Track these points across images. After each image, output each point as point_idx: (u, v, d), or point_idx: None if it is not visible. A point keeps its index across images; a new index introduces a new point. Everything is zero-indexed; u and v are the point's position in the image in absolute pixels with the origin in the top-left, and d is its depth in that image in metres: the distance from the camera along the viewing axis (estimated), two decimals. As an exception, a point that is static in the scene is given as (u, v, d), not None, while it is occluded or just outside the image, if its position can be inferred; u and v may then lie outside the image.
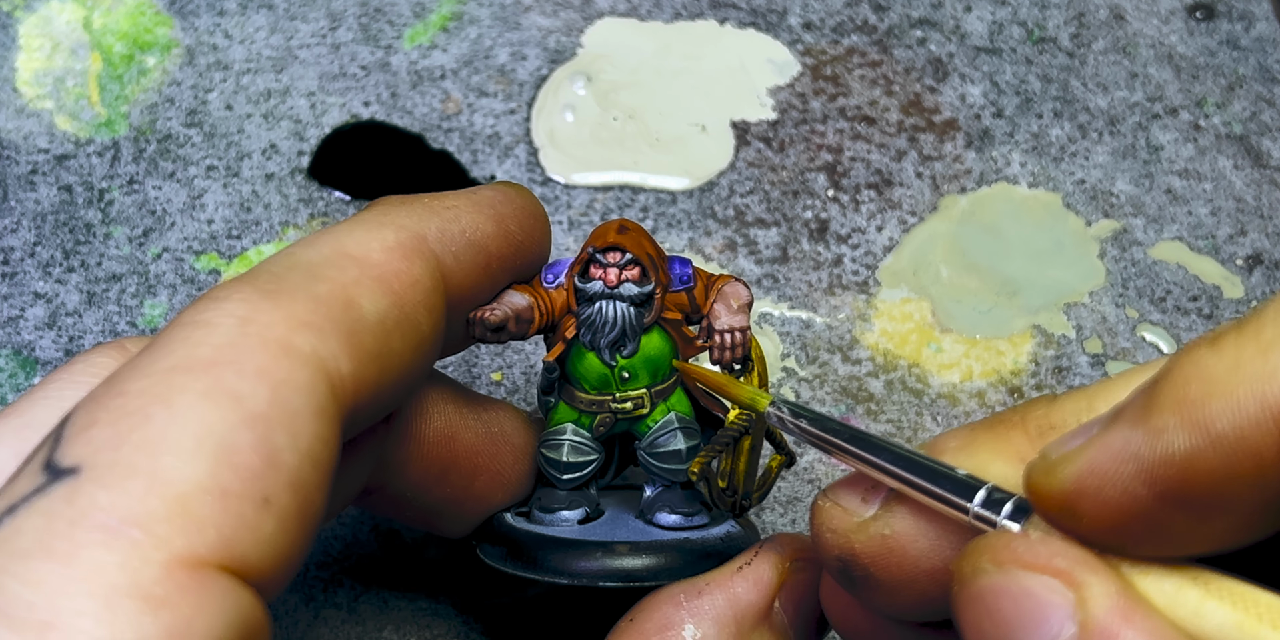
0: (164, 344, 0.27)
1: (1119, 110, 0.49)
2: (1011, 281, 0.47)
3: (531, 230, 0.35)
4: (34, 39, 0.49)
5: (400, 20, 0.50)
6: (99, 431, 0.26)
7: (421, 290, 0.31)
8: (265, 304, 0.28)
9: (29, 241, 0.46)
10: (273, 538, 0.26)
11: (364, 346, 0.29)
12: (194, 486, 0.25)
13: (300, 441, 0.26)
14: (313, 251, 0.30)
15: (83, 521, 0.24)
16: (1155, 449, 0.26)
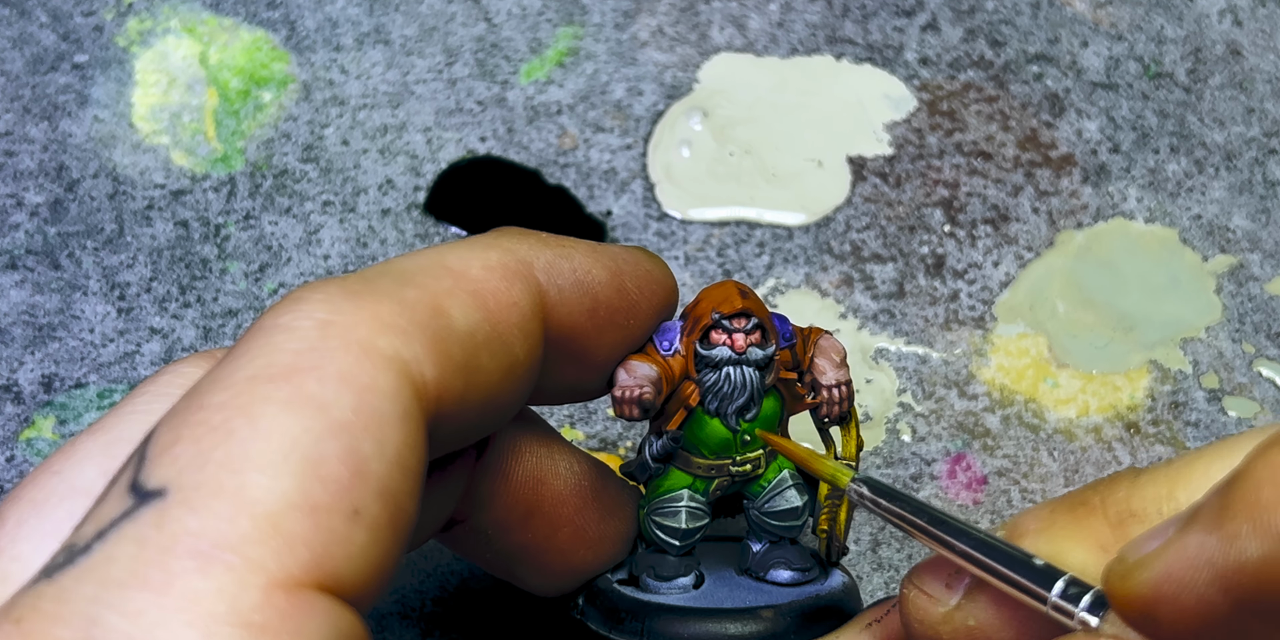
0: (244, 351, 0.27)
1: (1235, 145, 0.50)
2: (1128, 317, 0.48)
3: (651, 294, 0.35)
4: (150, 74, 0.51)
5: (516, 56, 0.51)
6: (182, 449, 0.26)
7: (518, 313, 0.31)
8: (347, 304, 0.28)
9: (145, 277, 0.48)
10: (365, 550, 0.26)
11: (450, 355, 0.29)
12: (283, 503, 0.25)
13: (388, 449, 0.27)
14: (410, 261, 0.30)
15: (174, 548, 0.24)
16: (1229, 556, 0.26)
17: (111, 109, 0.51)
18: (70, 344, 0.47)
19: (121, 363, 0.47)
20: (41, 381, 0.47)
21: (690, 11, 0.52)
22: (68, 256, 0.49)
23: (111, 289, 0.48)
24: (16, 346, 0.47)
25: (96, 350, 0.47)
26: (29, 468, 0.46)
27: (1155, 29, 0.52)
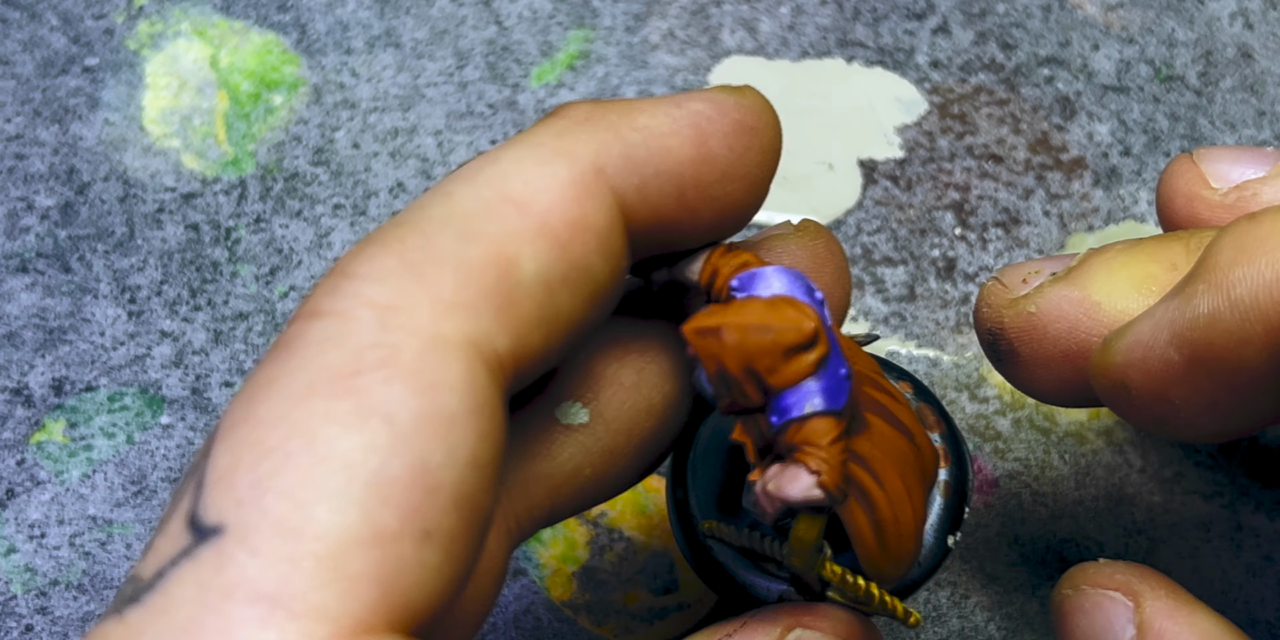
0: (299, 345, 0.26)
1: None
2: None
3: (744, 151, 0.30)
4: (161, 78, 0.51)
5: (527, 59, 0.51)
6: (239, 479, 0.25)
7: (596, 236, 0.28)
8: (409, 284, 0.26)
9: (156, 280, 0.48)
10: (438, 570, 0.25)
11: (523, 314, 0.27)
12: (349, 538, 0.24)
13: (459, 452, 0.26)
14: (471, 194, 0.28)
15: (235, 593, 0.24)
16: (1184, 314, 0.28)
17: (122, 112, 0.51)
18: (81, 347, 0.48)
19: (132, 366, 0.48)
20: (52, 385, 0.47)
21: (701, 15, 0.52)
22: (78, 259, 0.49)
23: (122, 292, 0.48)
24: (27, 350, 0.48)
25: (107, 353, 0.48)
26: (40, 471, 0.46)
27: (1166, 32, 0.52)
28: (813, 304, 0.29)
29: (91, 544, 0.45)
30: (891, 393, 0.32)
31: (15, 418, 0.47)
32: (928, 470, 0.33)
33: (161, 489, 0.46)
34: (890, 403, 0.32)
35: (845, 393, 0.29)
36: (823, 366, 0.29)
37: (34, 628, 0.45)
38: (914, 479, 0.32)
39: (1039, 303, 0.33)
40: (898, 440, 0.32)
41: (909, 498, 0.31)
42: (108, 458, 0.46)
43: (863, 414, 0.31)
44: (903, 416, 0.32)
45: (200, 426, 0.47)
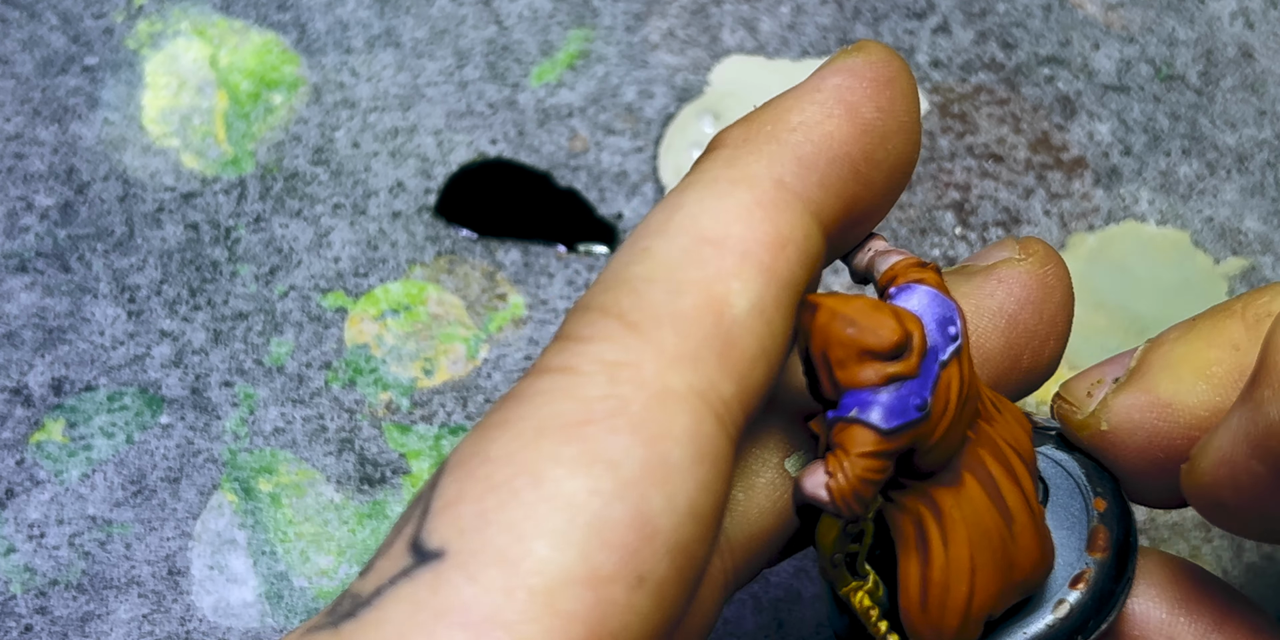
0: (531, 395, 0.27)
1: (1248, 148, 0.50)
2: (1140, 319, 0.48)
3: (889, 105, 0.30)
4: (160, 77, 0.51)
5: (527, 58, 0.51)
6: (465, 509, 0.26)
7: (797, 248, 0.29)
8: (633, 342, 0.27)
9: (155, 280, 0.48)
10: (648, 616, 0.26)
11: (744, 353, 0.28)
12: (564, 576, 0.25)
13: (679, 500, 0.26)
14: (667, 243, 0.28)
15: (446, 616, 0.24)
16: (1256, 423, 0.27)
17: (121, 111, 0.51)
18: (80, 347, 0.48)
19: (131, 365, 0.48)
20: (51, 384, 0.47)
21: (701, 14, 0.52)
22: (77, 259, 0.49)
23: (121, 292, 0.48)
24: (26, 349, 0.48)
25: (106, 353, 0.48)
26: (39, 471, 0.46)
27: (1167, 31, 0.52)
28: (933, 331, 0.30)
29: (91, 544, 0.45)
30: (1018, 476, 0.32)
31: (14, 418, 0.47)
32: (1016, 563, 0.32)
33: (161, 488, 0.46)
34: (1006, 483, 0.32)
35: (908, 422, 0.29)
36: (896, 384, 0.29)
37: (33, 628, 0.45)
38: (987, 558, 0.31)
39: (1109, 418, 0.32)
40: (988, 514, 0.31)
41: (970, 572, 0.31)
42: (107, 457, 0.46)
43: (962, 472, 0.31)
44: (1012, 500, 0.31)
45: (200, 426, 0.47)
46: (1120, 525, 0.34)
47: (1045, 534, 0.32)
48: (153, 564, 0.45)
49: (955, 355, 0.30)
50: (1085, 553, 0.33)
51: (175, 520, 0.46)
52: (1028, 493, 0.31)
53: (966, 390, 0.30)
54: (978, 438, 0.31)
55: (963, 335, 0.30)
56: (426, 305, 0.48)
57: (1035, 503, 0.32)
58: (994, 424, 0.31)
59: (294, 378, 0.48)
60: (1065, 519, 0.34)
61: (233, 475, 0.46)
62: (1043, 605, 0.33)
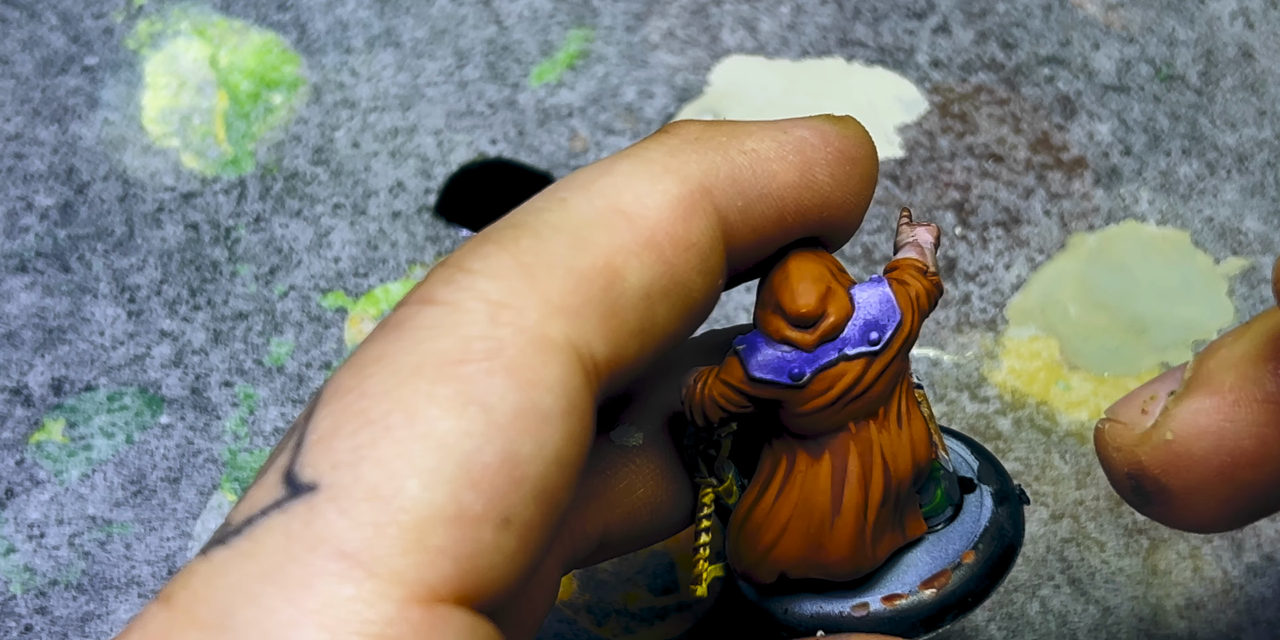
0: (409, 328, 0.27)
1: (1248, 148, 0.50)
2: (1140, 319, 0.48)
3: (845, 179, 0.31)
4: (160, 77, 0.51)
5: (527, 58, 0.51)
6: (339, 444, 0.26)
7: (698, 253, 0.29)
8: (521, 284, 0.27)
9: (155, 280, 0.48)
10: (512, 556, 0.26)
11: (624, 325, 0.28)
12: (434, 513, 0.25)
13: (547, 448, 0.26)
14: (583, 201, 0.29)
15: (319, 548, 0.25)
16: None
17: (121, 111, 0.51)
18: (80, 347, 0.48)
19: (131, 365, 0.48)
20: (51, 384, 0.47)
21: (701, 14, 0.52)
22: (77, 259, 0.49)
23: (121, 292, 0.49)
24: (26, 349, 0.48)
25: (106, 353, 0.48)
26: (39, 471, 0.46)
27: (1167, 31, 0.52)
28: (856, 326, 0.32)
29: (91, 544, 0.45)
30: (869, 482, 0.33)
31: (14, 418, 0.47)
32: (824, 547, 0.33)
33: (161, 488, 0.46)
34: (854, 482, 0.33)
35: (774, 381, 0.31)
36: (788, 347, 0.31)
37: (33, 628, 0.45)
38: (800, 528, 0.33)
39: (1174, 427, 0.32)
40: (820, 496, 0.33)
41: (780, 531, 0.33)
42: (107, 457, 0.46)
43: (825, 451, 0.33)
44: (849, 498, 0.33)
45: (200, 426, 0.47)
46: (969, 581, 0.34)
47: (864, 539, 0.33)
48: (153, 564, 0.45)
49: (865, 356, 0.31)
50: (921, 583, 0.34)
51: (175, 520, 0.46)
52: (870, 500, 0.32)
53: (861, 390, 0.31)
54: (857, 434, 0.32)
55: (890, 350, 0.32)
56: (426, 305, 0.48)
57: (873, 511, 0.33)
58: (884, 433, 0.32)
59: (294, 378, 0.48)
60: (959, 538, 0.35)
61: (233, 475, 0.46)
62: (857, 593, 0.34)
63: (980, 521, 0.35)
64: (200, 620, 0.25)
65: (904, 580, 0.34)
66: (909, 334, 0.32)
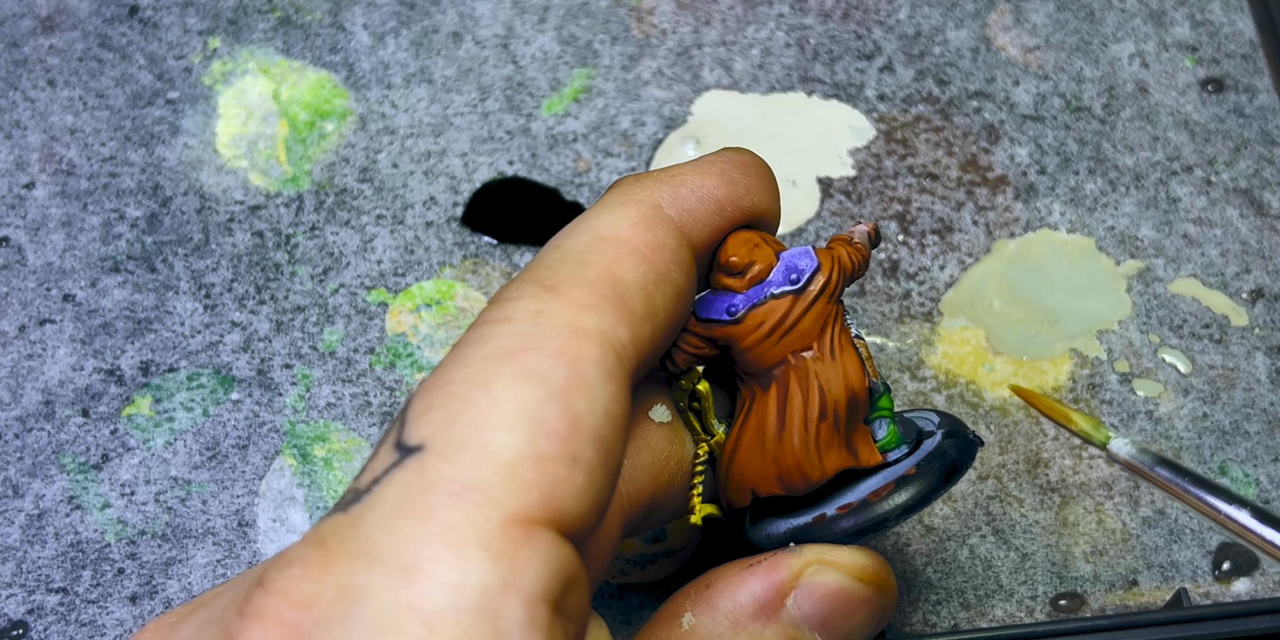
0: (476, 339, 0.29)
1: (1143, 168, 0.50)
2: (1053, 312, 0.48)
3: (751, 174, 0.34)
4: (231, 108, 0.51)
5: (539, 93, 0.51)
6: (435, 415, 0.27)
7: (669, 251, 0.31)
8: (549, 297, 0.29)
9: (227, 279, 0.48)
10: (583, 490, 0.27)
11: (634, 312, 0.30)
12: (516, 454, 0.26)
13: (597, 405, 0.28)
14: (574, 240, 0.31)
15: (433, 489, 0.26)
16: None
17: (199, 137, 0.51)
18: (164, 335, 0.48)
19: (207, 351, 0.48)
20: (140, 367, 0.47)
21: (685, 55, 0.52)
22: (162, 261, 0.49)
23: (199, 289, 0.48)
24: (120, 337, 0.48)
25: (186, 340, 0.48)
26: (130, 439, 0.46)
27: (1076, 70, 0.52)
28: (780, 271, 0.33)
29: (173, 500, 0.45)
30: (808, 402, 0.34)
31: (109, 394, 0.47)
32: (779, 462, 0.34)
33: (231, 454, 0.46)
34: (796, 403, 0.34)
35: (716, 319, 0.33)
36: (725, 291, 0.33)
37: (125, 571, 0.45)
38: (755, 446, 0.34)
39: None
40: (770, 417, 0.34)
41: (741, 450, 0.34)
42: (187, 428, 0.46)
43: (772, 383, 0.34)
44: (793, 416, 0.33)
45: (264, 401, 0.47)
46: (910, 490, 0.34)
47: (809, 453, 0.33)
48: (225, 517, 0.45)
49: (789, 294, 0.33)
50: (869, 494, 0.34)
51: (244, 480, 0.46)
52: (809, 415, 0.33)
53: (790, 324, 0.33)
54: (796, 366, 0.33)
55: (809, 292, 0.33)
56: (454, 300, 0.48)
57: (815, 426, 0.33)
58: (819, 363, 0.33)
59: (343, 361, 0.47)
60: (909, 463, 0.35)
61: (292, 443, 0.46)
62: (817, 507, 0.35)
63: (926, 450, 0.35)
64: (349, 553, 0.26)
65: (856, 493, 0.34)
66: (828, 279, 0.33)
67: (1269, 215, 0.50)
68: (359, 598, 0.25)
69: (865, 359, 0.34)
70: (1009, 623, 0.44)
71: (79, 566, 0.45)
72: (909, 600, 0.44)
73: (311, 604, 0.25)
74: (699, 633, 0.33)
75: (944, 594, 0.45)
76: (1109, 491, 0.46)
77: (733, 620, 0.33)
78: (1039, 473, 0.46)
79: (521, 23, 0.53)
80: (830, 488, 0.34)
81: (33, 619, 0.44)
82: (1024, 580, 0.45)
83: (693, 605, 0.34)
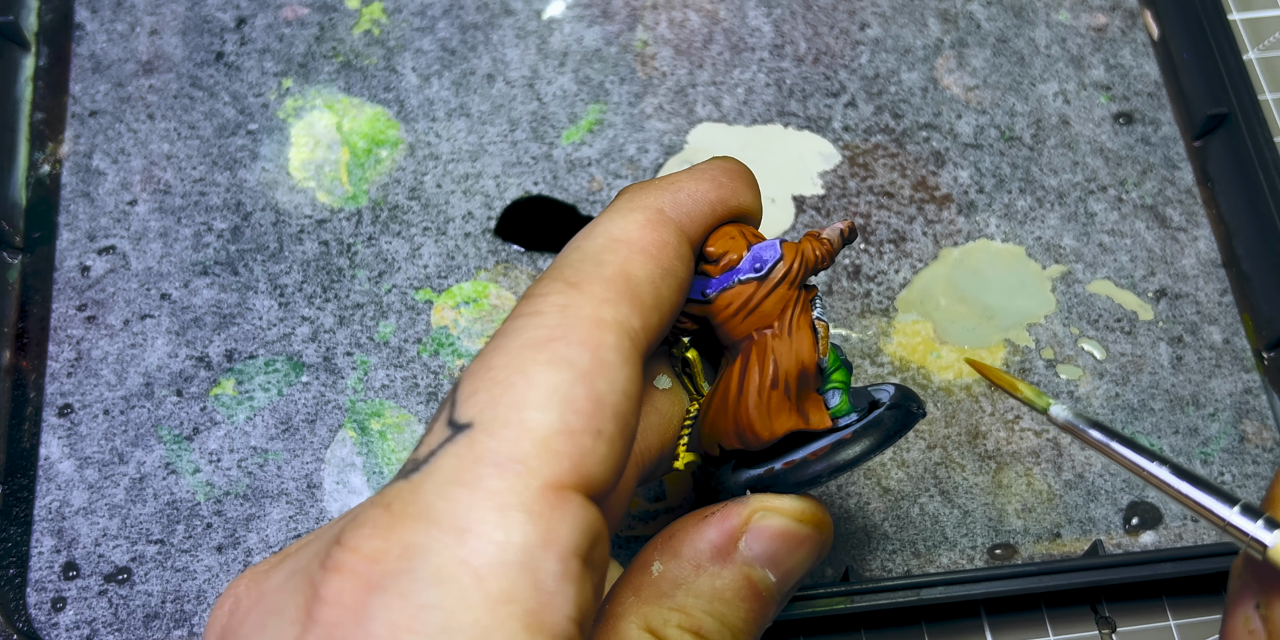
0: (513, 330, 0.28)
1: (1065, 188, 0.50)
2: (989, 308, 0.48)
3: (737, 178, 0.34)
4: (301, 138, 0.51)
5: (559, 125, 0.51)
6: (480, 396, 0.27)
7: (672, 249, 0.31)
8: (574, 292, 0.29)
9: (298, 281, 0.48)
10: (606, 458, 0.27)
11: (644, 302, 0.29)
12: (550, 430, 0.26)
13: (616, 385, 0.27)
14: (592, 242, 0.31)
15: (481, 460, 0.26)
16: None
17: (274, 162, 0.51)
18: (245, 328, 0.48)
19: (281, 341, 0.48)
20: (225, 354, 0.47)
21: (681, 93, 0.52)
22: (243, 266, 0.49)
23: (274, 289, 0.48)
24: (208, 329, 0.48)
25: (263, 332, 0.48)
26: (216, 415, 0.46)
27: (1009, 106, 0.52)
28: (748, 260, 0.33)
29: (252, 466, 0.46)
30: (763, 371, 0.33)
31: (199, 377, 0.47)
32: (738, 420, 0.33)
33: (302, 427, 0.46)
34: (753, 372, 0.33)
35: (694, 298, 0.33)
36: (703, 276, 0.33)
37: (212, 525, 0.45)
38: (719, 407, 0.33)
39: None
40: (732, 384, 0.33)
41: (707, 411, 0.34)
42: (264, 405, 0.46)
43: (739, 355, 0.33)
44: (750, 383, 0.33)
45: (329, 383, 0.47)
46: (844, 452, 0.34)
47: (761, 415, 0.33)
48: (296, 480, 0.46)
49: (753, 280, 0.33)
50: (810, 453, 0.34)
51: (312, 450, 0.46)
52: (763, 382, 0.33)
53: (753, 306, 0.33)
54: (758, 341, 0.33)
55: (771, 279, 0.33)
56: (489, 298, 0.48)
57: (767, 392, 0.33)
58: (776, 340, 0.33)
59: (395, 350, 0.48)
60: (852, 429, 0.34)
61: (353, 418, 0.46)
62: (770, 462, 0.34)
63: (869, 419, 0.34)
64: (411, 515, 0.25)
65: (801, 452, 0.34)
66: (789, 269, 0.33)
67: (1170, 227, 0.50)
68: (420, 554, 0.25)
69: (821, 338, 0.34)
70: (953, 569, 0.44)
71: (174, 521, 0.45)
72: (869, 550, 0.44)
73: (380, 559, 0.25)
74: (667, 577, 0.32)
75: (898, 545, 0.45)
76: (1036, 459, 0.46)
77: (694, 564, 0.32)
78: (978, 443, 0.46)
79: (544, 66, 0.52)
80: (784, 446, 0.34)
81: (135, 565, 0.44)
82: (965, 533, 0.45)
83: (659, 554, 0.33)
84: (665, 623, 0.32)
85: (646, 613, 0.32)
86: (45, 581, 0.44)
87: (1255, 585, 0.29)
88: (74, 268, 0.48)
